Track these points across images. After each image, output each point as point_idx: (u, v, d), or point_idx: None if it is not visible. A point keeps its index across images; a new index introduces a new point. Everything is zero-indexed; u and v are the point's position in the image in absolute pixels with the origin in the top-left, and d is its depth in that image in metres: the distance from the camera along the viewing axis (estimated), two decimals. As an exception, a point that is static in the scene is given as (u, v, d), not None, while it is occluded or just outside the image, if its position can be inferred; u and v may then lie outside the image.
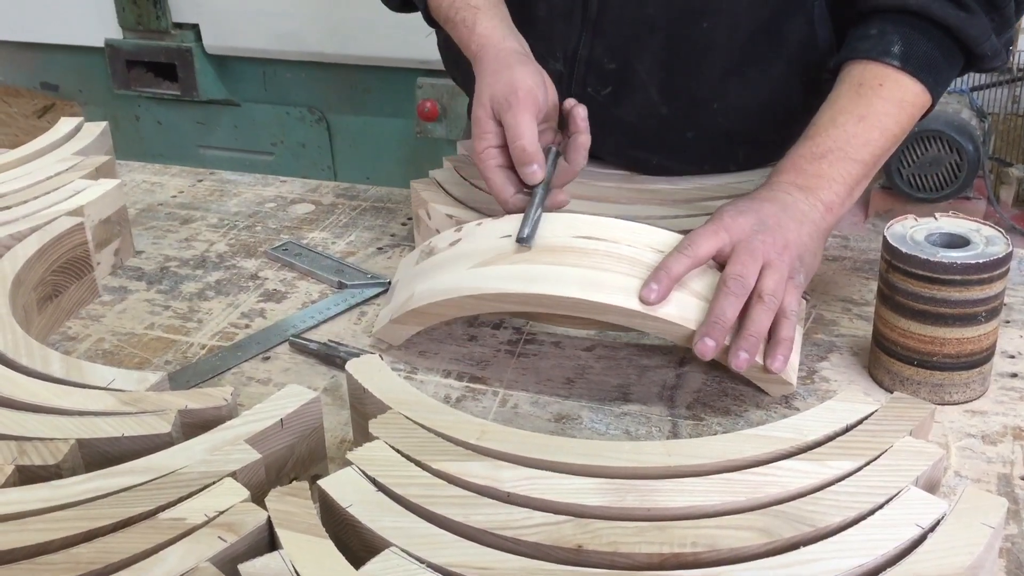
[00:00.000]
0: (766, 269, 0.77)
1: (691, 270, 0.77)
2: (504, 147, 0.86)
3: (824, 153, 0.84)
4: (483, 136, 0.86)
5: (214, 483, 0.61)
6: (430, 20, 1.01)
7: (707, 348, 0.74)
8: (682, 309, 0.77)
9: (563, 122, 0.92)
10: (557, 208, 0.87)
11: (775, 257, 0.77)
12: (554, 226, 0.82)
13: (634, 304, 0.76)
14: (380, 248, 1.09)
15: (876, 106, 0.85)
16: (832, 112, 0.86)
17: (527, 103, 0.84)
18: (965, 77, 1.64)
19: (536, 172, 0.84)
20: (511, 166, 0.86)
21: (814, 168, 0.84)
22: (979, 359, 0.78)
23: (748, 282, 0.76)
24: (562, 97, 1.01)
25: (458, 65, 1.15)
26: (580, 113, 0.88)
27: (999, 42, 0.89)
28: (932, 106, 0.89)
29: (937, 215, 0.81)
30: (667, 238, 0.81)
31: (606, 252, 0.79)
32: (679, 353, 0.87)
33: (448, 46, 1.14)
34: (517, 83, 0.85)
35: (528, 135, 0.84)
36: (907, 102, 0.87)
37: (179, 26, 2.22)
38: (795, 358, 0.79)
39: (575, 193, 1.01)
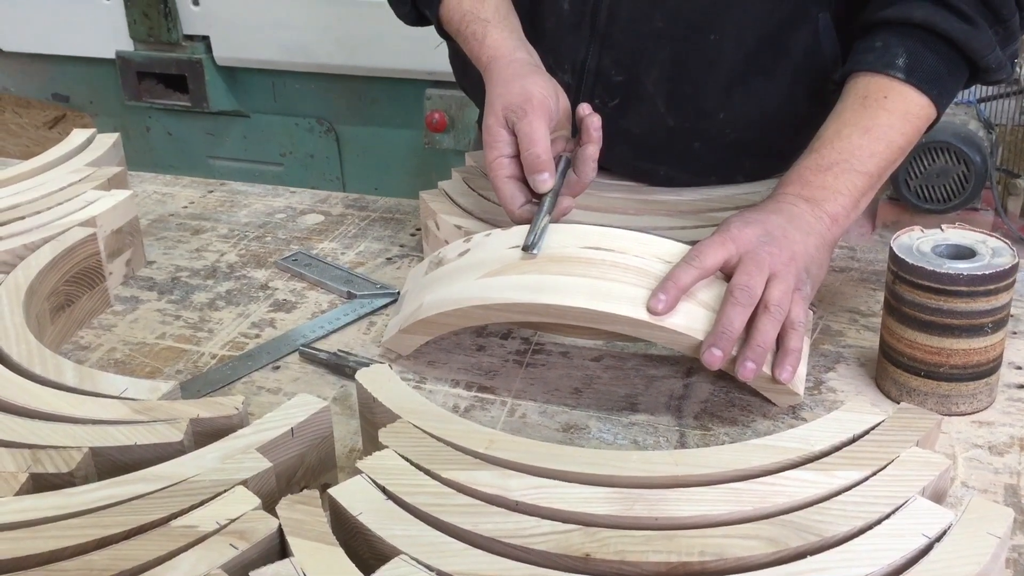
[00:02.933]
0: (772, 280, 0.77)
1: (698, 281, 0.78)
2: (515, 157, 0.86)
3: (829, 165, 0.84)
4: (495, 145, 0.86)
5: (225, 491, 0.61)
6: (442, 32, 1.02)
7: (714, 358, 0.75)
8: (689, 319, 0.77)
9: (575, 128, 0.92)
10: (562, 214, 0.87)
11: (781, 268, 0.78)
12: (561, 236, 0.83)
13: (641, 314, 0.77)
14: (389, 258, 1.10)
15: (881, 118, 0.86)
16: (837, 124, 0.87)
17: (541, 111, 0.85)
18: (973, 89, 1.64)
19: (547, 181, 0.85)
20: (522, 177, 0.86)
21: (819, 180, 0.84)
22: (986, 370, 0.79)
23: (755, 292, 0.76)
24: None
25: (467, 75, 1.16)
26: (594, 123, 0.87)
27: (1004, 54, 0.89)
28: (938, 118, 0.90)
29: (943, 226, 0.82)
30: (674, 249, 0.81)
31: (613, 262, 0.80)
32: (686, 363, 0.87)
33: (458, 57, 1.15)
34: (531, 91, 0.86)
35: (542, 143, 0.84)
36: (912, 114, 0.87)
37: (190, 38, 2.24)
38: (802, 368, 0.79)
39: (582, 204, 1.02)
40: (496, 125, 0.86)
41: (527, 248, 0.81)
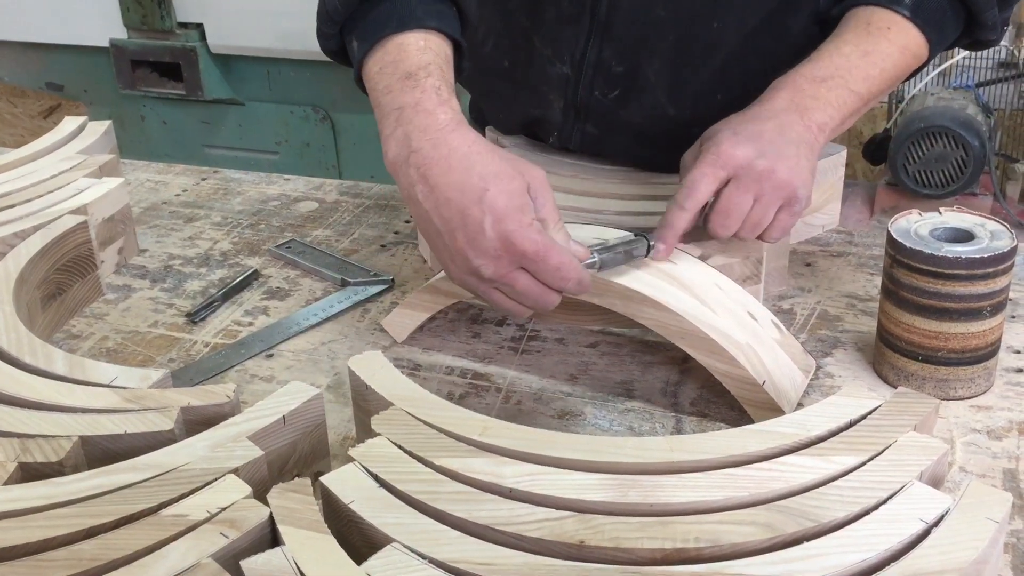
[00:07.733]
0: (757, 203, 0.80)
1: (693, 220, 0.81)
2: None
3: (825, 78, 0.85)
4: (526, 209, 0.74)
5: (216, 480, 0.61)
6: (360, 81, 0.91)
7: (658, 252, 0.80)
8: (675, 299, 0.78)
9: None
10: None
11: (769, 191, 0.80)
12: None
13: (635, 285, 0.77)
14: (383, 246, 1.09)
15: (882, 46, 0.86)
16: (837, 43, 0.87)
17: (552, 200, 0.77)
18: (971, 73, 1.63)
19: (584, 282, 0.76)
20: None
21: (813, 89, 0.85)
22: (984, 354, 0.78)
23: (738, 217, 0.80)
24: (567, 102, 1.01)
25: (469, 80, 1.15)
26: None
27: (999, 16, 0.91)
28: (925, 64, 0.91)
29: (942, 209, 0.81)
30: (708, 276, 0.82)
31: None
32: (682, 350, 0.87)
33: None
34: (534, 172, 0.77)
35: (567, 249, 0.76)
36: (910, 51, 0.88)
37: (183, 25, 2.22)
38: (791, 390, 0.78)
39: (577, 190, 1.01)
40: (523, 190, 0.74)
41: (592, 264, 0.76)
